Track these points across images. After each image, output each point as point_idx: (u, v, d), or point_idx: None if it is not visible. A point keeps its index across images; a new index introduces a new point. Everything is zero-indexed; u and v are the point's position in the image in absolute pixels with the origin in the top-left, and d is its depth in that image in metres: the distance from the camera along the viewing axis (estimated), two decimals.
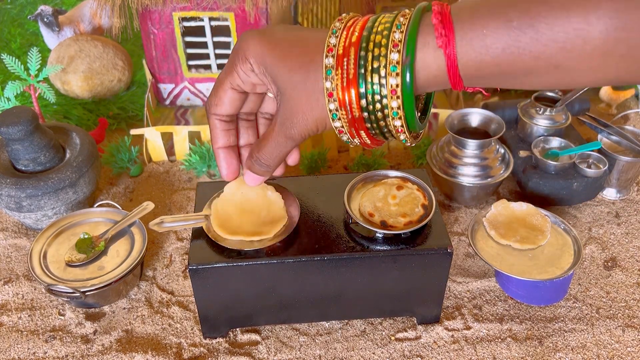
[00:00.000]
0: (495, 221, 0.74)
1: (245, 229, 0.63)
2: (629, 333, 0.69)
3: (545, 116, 0.90)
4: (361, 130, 0.48)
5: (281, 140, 0.51)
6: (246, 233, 0.63)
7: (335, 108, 0.46)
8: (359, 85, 0.45)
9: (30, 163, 0.79)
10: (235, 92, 0.53)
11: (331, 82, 0.45)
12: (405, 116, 0.45)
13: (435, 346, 0.68)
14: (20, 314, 0.73)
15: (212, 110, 0.54)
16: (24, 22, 1.40)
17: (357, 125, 0.47)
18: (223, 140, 0.56)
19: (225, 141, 0.57)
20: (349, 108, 0.46)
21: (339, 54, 0.45)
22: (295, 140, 0.51)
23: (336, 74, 0.45)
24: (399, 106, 0.44)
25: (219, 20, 1.02)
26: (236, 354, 0.67)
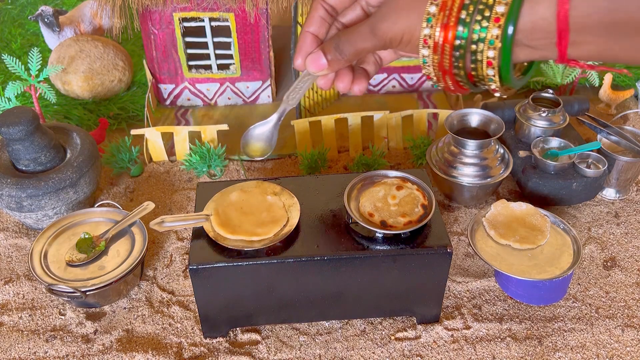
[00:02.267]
0: (494, 221, 0.74)
1: (246, 229, 0.64)
2: (628, 333, 0.69)
3: (542, 117, 0.90)
4: (446, 45, 0.47)
5: (365, 31, 0.51)
6: (246, 233, 0.63)
7: (433, 13, 0.46)
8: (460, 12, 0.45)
9: (31, 163, 0.80)
10: (321, 10, 0.54)
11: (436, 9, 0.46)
12: (500, 64, 0.45)
13: (435, 346, 0.68)
14: (21, 314, 0.73)
15: (304, 27, 0.54)
16: (25, 23, 1.40)
17: (446, 35, 0.46)
18: (316, 26, 0.55)
19: (317, 29, 0.55)
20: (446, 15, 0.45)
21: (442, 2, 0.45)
22: (376, 36, 0.50)
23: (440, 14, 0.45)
24: (497, 35, 0.43)
25: (219, 20, 1.02)
26: (236, 353, 0.68)
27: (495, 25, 0.43)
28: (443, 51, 0.46)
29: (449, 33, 0.45)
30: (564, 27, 0.42)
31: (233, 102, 1.13)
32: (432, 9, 0.46)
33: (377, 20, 0.50)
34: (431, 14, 0.46)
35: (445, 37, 0.45)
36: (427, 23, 0.46)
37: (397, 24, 0.49)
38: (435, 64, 0.48)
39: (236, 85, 1.10)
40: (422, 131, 1.00)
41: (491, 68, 0.46)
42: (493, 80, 0.46)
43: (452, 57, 0.46)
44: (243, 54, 1.06)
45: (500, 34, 0.43)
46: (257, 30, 1.03)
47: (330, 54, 0.54)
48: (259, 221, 0.65)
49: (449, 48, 0.46)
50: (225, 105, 1.13)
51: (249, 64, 1.07)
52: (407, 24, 0.48)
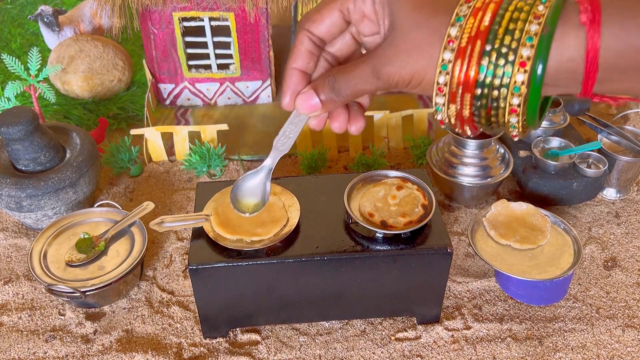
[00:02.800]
0: (495, 221, 0.74)
1: (246, 229, 0.63)
2: (628, 333, 0.69)
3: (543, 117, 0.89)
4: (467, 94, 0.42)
5: (366, 72, 0.45)
6: (246, 233, 0.63)
7: (449, 59, 0.41)
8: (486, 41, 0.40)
9: (31, 163, 0.79)
10: (340, 17, 0.48)
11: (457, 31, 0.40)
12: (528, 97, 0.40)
13: (435, 346, 0.68)
14: (21, 314, 0.73)
15: (307, 26, 0.48)
16: (24, 22, 1.40)
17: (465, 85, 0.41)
18: (303, 61, 0.49)
19: (305, 64, 0.49)
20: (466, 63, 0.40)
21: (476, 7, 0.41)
22: (380, 79, 0.44)
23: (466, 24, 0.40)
24: (523, 81, 0.39)
25: (219, 20, 1.02)
26: (236, 353, 0.67)
27: (521, 70, 0.39)
28: (462, 101, 0.42)
29: (469, 81, 0.40)
30: (592, 68, 0.38)
31: (233, 102, 1.13)
32: (447, 55, 0.41)
33: (381, 64, 0.44)
34: (446, 60, 0.41)
35: (466, 86, 0.41)
36: (442, 70, 0.41)
37: (405, 69, 0.43)
38: (453, 113, 0.43)
39: (236, 85, 1.10)
40: (422, 131, 1.00)
41: (515, 115, 0.41)
42: (515, 127, 0.41)
43: (472, 106, 0.42)
44: (243, 54, 1.06)
45: (527, 79, 0.39)
46: (257, 30, 1.03)
47: (324, 93, 0.48)
48: (259, 221, 0.64)
49: (469, 97, 0.41)
50: (225, 105, 1.13)
51: (249, 64, 1.07)
52: (416, 68, 0.43)
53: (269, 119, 1.08)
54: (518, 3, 0.40)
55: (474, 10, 0.40)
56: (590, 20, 0.37)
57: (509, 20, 0.39)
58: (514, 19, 0.39)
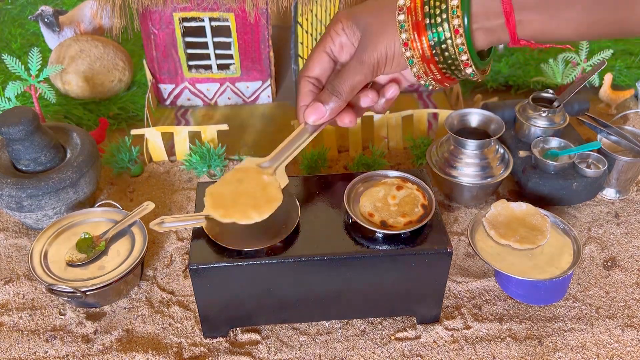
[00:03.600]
0: (494, 221, 0.74)
1: (239, 209, 0.62)
2: (628, 333, 0.69)
3: (542, 117, 0.90)
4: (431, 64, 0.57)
5: (353, 65, 0.58)
6: (239, 214, 0.62)
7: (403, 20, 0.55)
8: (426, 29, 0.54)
9: (31, 163, 0.80)
10: (325, 57, 0.60)
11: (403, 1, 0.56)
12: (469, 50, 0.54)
13: (435, 346, 0.68)
14: (21, 314, 0.73)
15: (302, 73, 0.62)
16: (25, 23, 1.40)
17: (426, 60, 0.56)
18: (308, 99, 0.62)
19: (309, 100, 0.62)
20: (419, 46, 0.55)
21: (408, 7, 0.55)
22: (364, 64, 0.57)
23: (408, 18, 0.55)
24: (462, 42, 0.53)
25: (219, 20, 1.02)
26: (236, 353, 0.68)
27: (457, 35, 0.53)
28: (421, 44, 0.55)
29: (421, 29, 0.54)
30: (508, 8, 0.50)
31: (233, 102, 1.13)
32: (401, 17, 0.55)
33: (360, 52, 0.57)
34: (401, 21, 0.55)
35: (419, 33, 0.54)
36: (401, 29, 0.55)
37: (378, 46, 0.56)
38: (419, 58, 0.56)
39: (236, 85, 1.10)
40: (422, 131, 1.00)
41: (469, 67, 0.55)
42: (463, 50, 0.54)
43: (430, 48, 0.55)
44: (243, 54, 1.06)
45: (464, 40, 0.53)
46: (257, 30, 1.03)
47: (327, 100, 0.60)
48: (254, 202, 0.63)
49: (426, 40, 0.55)
50: (225, 105, 1.13)
51: (249, 64, 1.07)
52: (386, 42, 0.56)
53: (269, 119, 1.08)
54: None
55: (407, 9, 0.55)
56: None
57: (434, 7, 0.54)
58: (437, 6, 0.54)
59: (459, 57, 0.54)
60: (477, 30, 0.53)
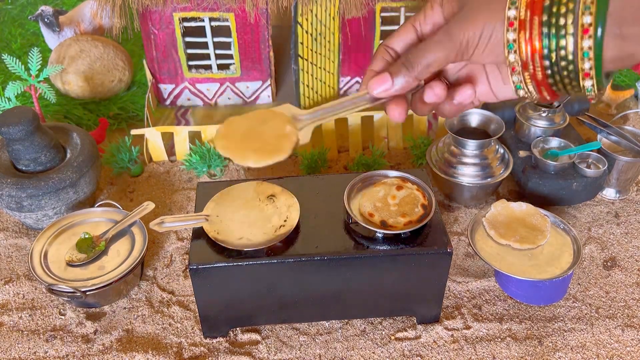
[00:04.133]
0: (494, 221, 0.74)
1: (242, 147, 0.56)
2: (628, 333, 0.69)
3: (542, 117, 0.90)
4: (536, 55, 0.45)
5: (438, 37, 0.48)
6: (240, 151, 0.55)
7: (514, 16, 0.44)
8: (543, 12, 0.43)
9: (31, 163, 0.80)
10: (412, 32, 0.52)
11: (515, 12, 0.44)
12: (595, 57, 0.42)
13: (435, 346, 0.68)
14: (21, 314, 0.73)
15: (384, 42, 0.54)
16: (25, 23, 1.40)
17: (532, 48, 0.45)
18: (379, 65, 0.54)
19: (379, 67, 0.54)
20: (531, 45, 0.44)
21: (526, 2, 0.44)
22: (452, 39, 0.47)
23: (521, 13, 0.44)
24: (590, 46, 0.42)
25: (219, 20, 1.02)
26: (236, 353, 0.68)
27: (586, 36, 0.41)
28: (534, 65, 0.44)
29: (534, 34, 0.43)
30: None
31: (233, 102, 1.13)
32: (512, 12, 0.44)
33: (453, 24, 0.47)
34: (510, 17, 0.44)
35: (532, 39, 0.44)
36: (512, 5, 0.44)
37: (476, 24, 0.46)
38: (528, 79, 0.46)
39: (236, 85, 1.10)
40: (422, 131, 1.00)
41: (589, 79, 0.43)
42: (592, 90, 0.44)
43: (543, 68, 0.45)
44: (243, 54, 1.06)
45: (592, 44, 0.41)
46: (257, 30, 1.03)
47: (396, 72, 0.51)
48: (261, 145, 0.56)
49: (539, 49, 0.44)
50: (226, 105, 1.13)
51: (249, 64, 1.07)
52: (485, 23, 0.46)
53: None
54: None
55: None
56: None
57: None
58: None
59: (580, 65, 0.43)
60: (607, 36, 0.42)
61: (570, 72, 0.44)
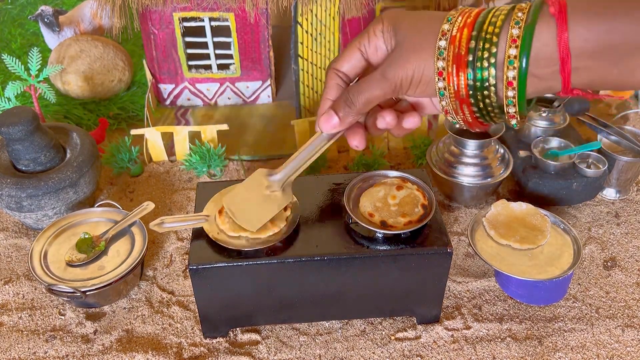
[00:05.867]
0: (495, 221, 0.74)
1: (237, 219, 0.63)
2: (628, 333, 0.69)
3: (543, 117, 0.90)
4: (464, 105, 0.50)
5: (375, 77, 0.53)
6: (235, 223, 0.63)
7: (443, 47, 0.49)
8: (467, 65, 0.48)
9: (31, 163, 0.80)
10: (358, 54, 0.56)
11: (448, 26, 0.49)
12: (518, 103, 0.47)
13: (435, 346, 0.68)
14: (21, 314, 0.73)
15: (332, 65, 0.58)
16: (25, 22, 1.40)
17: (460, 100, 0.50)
18: (333, 93, 0.58)
19: (334, 95, 0.58)
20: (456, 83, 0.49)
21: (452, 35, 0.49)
22: (387, 80, 0.52)
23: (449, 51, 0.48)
24: (514, 95, 0.46)
25: (219, 20, 1.02)
26: (236, 353, 0.68)
27: (513, 45, 0.45)
28: (458, 82, 0.49)
29: (461, 64, 0.48)
30: (565, 53, 0.44)
31: (233, 102, 1.13)
32: (442, 43, 0.48)
33: (387, 66, 0.52)
34: (441, 47, 0.48)
35: (458, 69, 0.48)
36: (440, 56, 0.49)
37: (408, 65, 0.51)
38: (452, 93, 0.50)
39: (236, 85, 1.10)
40: (422, 131, 1.00)
41: (512, 89, 0.47)
42: (512, 103, 0.47)
43: (467, 86, 0.49)
44: (243, 54, 1.06)
45: (517, 54, 0.45)
46: (257, 30, 1.03)
47: (340, 110, 0.56)
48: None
49: (464, 77, 0.48)
50: (225, 105, 1.13)
51: (249, 64, 1.07)
52: (416, 64, 0.50)
53: (269, 119, 1.08)
54: (499, 8, 0.48)
55: (461, 12, 0.49)
56: (557, 11, 0.43)
57: (483, 42, 0.47)
58: (496, 15, 0.47)
59: (505, 109, 0.48)
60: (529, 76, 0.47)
61: (494, 110, 0.49)
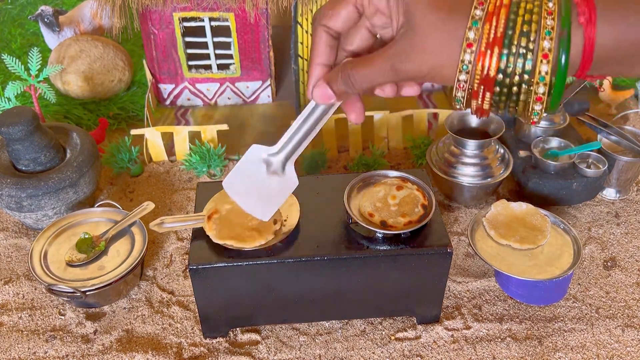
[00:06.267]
0: (495, 221, 0.74)
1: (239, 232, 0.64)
2: (628, 333, 0.69)
3: (543, 117, 0.89)
4: (487, 92, 0.45)
5: (385, 68, 0.47)
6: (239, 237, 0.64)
7: (469, 60, 0.43)
8: (503, 45, 0.42)
9: (31, 163, 0.80)
10: (353, 10, 0.49)
11: (475, 34, 0.43)
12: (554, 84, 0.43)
13: (435, 346, 0.68)
14: (21, 314, 0.73)
15: (323, 21, 0.50)
16: (25, 23, 1.40)
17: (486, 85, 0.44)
18: (324, 57, 0.51)
19: (326, 59, 0.51)
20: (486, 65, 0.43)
21: (489, 11, 0.43)
22: (398, 75, 0.46)
23: (483, 29, 0.43)
24: (547, 72, 0.42)
25: (219, 20, 1.02)
26: (236, 353, 0.68)
27: (544, 61, 0.42)
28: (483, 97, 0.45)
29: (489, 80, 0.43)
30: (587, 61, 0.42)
31: (233, 102, 1.13)
32: (467, 57, 0.43)
33: (400, 61, 0.46)
34: (466, 61, 0.43)
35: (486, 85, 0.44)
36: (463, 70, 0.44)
37: (424, 66, 0.45)
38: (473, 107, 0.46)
39: (236, 85, 1.10)
40: (422, 131, 1.00)
41: (540, 103, 0.44)
42: (538, 114, 0.44)
43: (492, 101, 0.45)
44: (243, 54, 1.06)
45: (550, 69, 0.42)
46: (257, 30, 1.03)
47: (336, 85, 0.50)
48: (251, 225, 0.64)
49: (489, 95, 0.44)
50: (225, 105, 1.13)
51: (249, 64, 1.07)
52: (435, 65, 0.45)
53: (269, 119, 1.08)
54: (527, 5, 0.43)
55: (487, 14, 0.43)
56: (587, 20, 0.41)
57: (521, 23, 0.42)
58: (526, 21, 0.42)
59: (534, 88, 0.43)
60: None
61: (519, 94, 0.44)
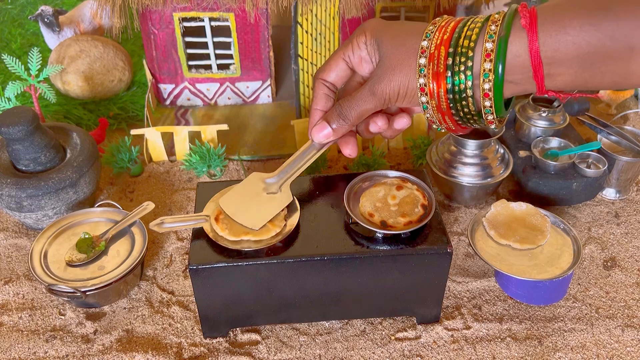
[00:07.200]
0: (494, 221, 0.74)
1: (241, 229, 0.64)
2: (628, 333, 0.69)
3: (542, 117, 0.90)
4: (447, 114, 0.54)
5: (365, 94, 0.56)
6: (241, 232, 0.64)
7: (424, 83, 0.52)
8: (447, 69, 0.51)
9: (31, 163, 0.80)
10: (343, 64, 0.59)
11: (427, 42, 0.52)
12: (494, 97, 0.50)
13: (435, 346, 0.68)
14: (21, 314, 0.73)
15: (320, 75, 0.61)
16: (25, 22, 1.40)
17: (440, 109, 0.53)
18: (322, 103, 0.61)
19: (324, 105, 0.61)
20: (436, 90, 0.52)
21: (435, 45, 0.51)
22: (376, 96, 0.55)
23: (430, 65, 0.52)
24: (490, 69, 0.48)
25: (219, 20, 1.02)
26: (236, 353, 0.68)
27: (487, 59, 0.48)
28: (439, 95, 0.52)
29: (441, 80, 0.51)
30: (537, 62, 0.47)
31: (233, 102, 1.13)
32: (422, 60, 0.52)
33: (373, 83, 0.55)
34: (422, 65, 0.52)
35: (438, 84, 0.51)
36: (420, 73, 0.52)
37: (392, 82, 0.54)
38: (434, 107, 0.53)
39: (236, 85, 1.11)
40: (422, 131, 1.00)
41: (488, 99, 0.50)
42: (490, 111, 0.51)
43: (447, 99, 0.52)
44: (243, 54, 1.06)
45: (492, 67, 0.48)
46: (257, 30, 1.03)
47: (333, 121, 0.59)
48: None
49: (444, 92, 0.51)
50: (225, 105, 1.13)
51: (249, 64, 1.07)
52: (401, 79, 0.54)
53: (269, 119, 1.08)
54: (474, 20, 0.51)
55: (438, 27, 0.52)
56: (528, 23, 0.46)
57: (467, 30, 0.50)
58: (471, 28, 0.50)
59: (484, 117, 0.52)
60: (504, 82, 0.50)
61: (473, 117, 0.53)
